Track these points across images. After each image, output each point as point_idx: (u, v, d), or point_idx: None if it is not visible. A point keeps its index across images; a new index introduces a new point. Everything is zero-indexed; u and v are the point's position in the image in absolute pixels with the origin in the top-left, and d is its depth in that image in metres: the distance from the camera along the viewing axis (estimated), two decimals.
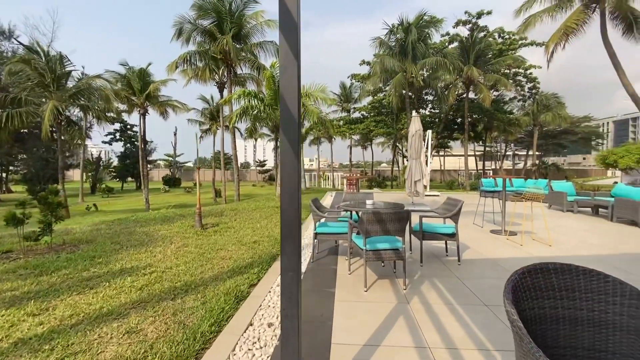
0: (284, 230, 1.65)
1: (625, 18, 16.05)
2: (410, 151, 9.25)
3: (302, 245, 5.41)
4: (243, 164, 68.00)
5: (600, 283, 1.45)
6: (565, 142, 41.55)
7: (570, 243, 5.57)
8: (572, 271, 1.51)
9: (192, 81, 20.57)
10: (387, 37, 19.97)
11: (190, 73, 20.05)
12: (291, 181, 1.62)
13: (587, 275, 1.49)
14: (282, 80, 1.59)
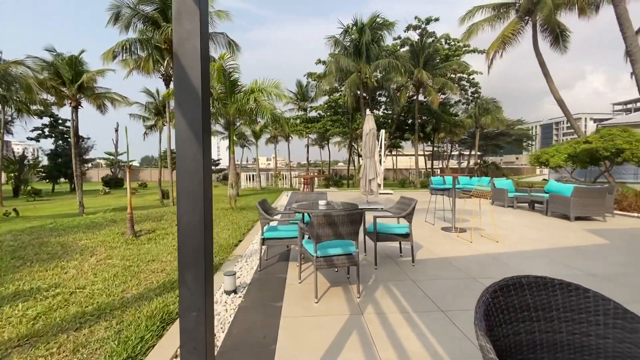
0: (183, 252, 1.15)
1: (553, 31, 17.66)
2: (364, 150, 9.13)
3: (249, 253, 4.91)
4: None
5: (580, 299, 1.22)
6: (501, 143, 45.15)
7: (514, 238, 5.74)
8: (548, 285, 1.26)
9: (134, 73, 18.79)
10: (342, 36, 19.96)
11: (131, 63, 18.25)
12: (193, 181, 1.16)
13: (564, 291, 1.25)
14: (176, 32, 1.14)
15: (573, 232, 6.30)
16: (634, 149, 8.88)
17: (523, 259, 4.50)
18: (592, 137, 9.95)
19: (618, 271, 3.96)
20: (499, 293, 1.22)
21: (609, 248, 5.07)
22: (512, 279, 1.27)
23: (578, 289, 1.24)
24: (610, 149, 9.22)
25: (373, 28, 19.61)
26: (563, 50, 17.98)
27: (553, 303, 1.24)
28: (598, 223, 7.21)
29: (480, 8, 18.65)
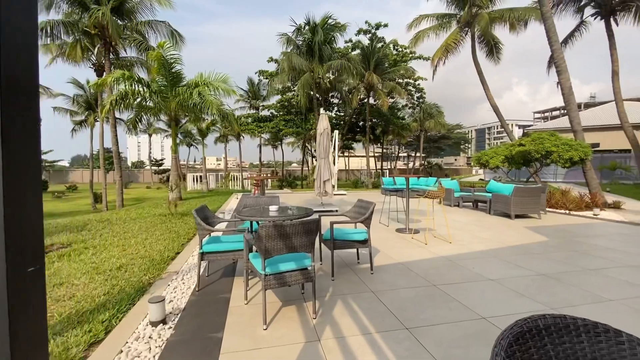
0: None
1: (489, 43, 19.03)
2: (318, 150, 8.76)
3: (187, 268, 4.21)
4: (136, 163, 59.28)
5: (612, 347, 0.90)
6: (443, 145, 48.23)
7: (465, 238, 5.77)
8: (570, 328, 0.92)
9: (59, 61, 16.40)
10: (294, 34, 19.49)
11: (54, 49, 15.91)
12: None
13: (590, 335, 0.92)
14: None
15: (515, 229, 6.56)
16: (561, 152, 9.73)
17: (477, 260, 4.44)
18: (525, 141, 10.73)
19: (562, 269, 4.05)
20: (514, 347, 0.86)
21: (548, 245, 5.28)
22: (528, 323, 0.92)
23: (608, 332, 0.92)
24: (540, 152, 10.01)
25: (325, 29, 19.46)
26: (496, 60, 19.49)
27: (579, 353, 0.91)
28: (535, 220, 7.66)
29: (426, 17, 19.48)
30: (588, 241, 5.54)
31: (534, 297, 3.20)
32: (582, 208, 9.23)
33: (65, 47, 15.57)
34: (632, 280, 3.67)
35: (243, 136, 37.32)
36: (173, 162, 10.77)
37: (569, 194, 9.94)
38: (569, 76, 10.45)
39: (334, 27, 19.64)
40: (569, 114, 10.72)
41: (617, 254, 4.71)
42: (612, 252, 4.81)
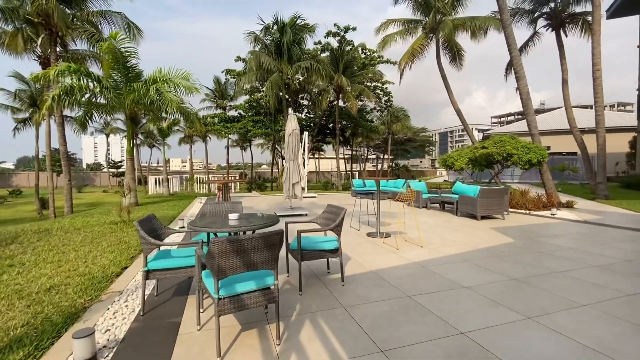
0: None
1: (452, 49, 19.66)
2: (287, 151, 8.38)
3: (134, 286, 3.66)
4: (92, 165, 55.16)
5: None
6: (409, 148, 49.62)
7: (436, 241, 5.67)
8: None
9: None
10: (262, 33, 18.94)
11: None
12: None
13: None
14: None
15: (482, 231, 6.60)
16: (520, 154, 10.11)
17: (450, 265, 4.30)
18: (488, 144, 11.08)
19: (532, 272, 4.00)
20: None
21: (515, 247, 5.30)
22: None
23: None
24: (502, 154, 10.35)
25: (294, 29, 19.11)
26: (459, 67, 20.20)
27: None
28: (499, 221, 7.82)
29: (393, 21, 19.77)
30: (551, 241, 5.65)
31: (510, 305, 3.06)
32: (540, 208, 9.61)
33: (5, 37, 13.95)
34: (598, 281, 3.67)
35: (210, 137, 35.98)
36: (128, 163, 9.86)
37: (528, 195, 10.34)
38: (527, 82, 10.92)
39: (302, 28, 19.34)
40: (527, 118, 11.20)
41: (579, 254, 4.80)
42: (575, 252, 4.90)
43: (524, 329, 2.61)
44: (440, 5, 17.54)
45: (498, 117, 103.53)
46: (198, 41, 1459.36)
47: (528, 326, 2.65)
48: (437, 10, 17.79)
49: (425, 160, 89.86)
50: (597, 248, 5.17)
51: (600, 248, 5.16)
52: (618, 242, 5.53)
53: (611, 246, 5.28)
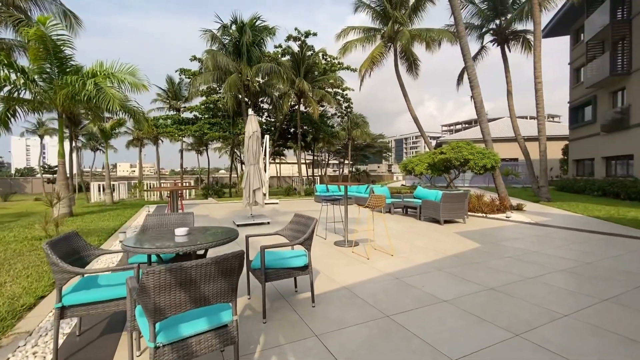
0: None
1: (409, 58, 20.32)
2: (247, 155, 7.75)
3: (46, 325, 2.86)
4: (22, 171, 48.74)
5: None
6: (368, 153, 50.79)
7: (405, 248, 5.45)
8: None
9: None
10: (219, 32, 17.98)
11: None
12: None
13: None
14: None
15: (448, 236, 6.55)
16: (476, 159, 10.49)
17: (424, 275, 4.04)
18: (446, 149, 11.38)
19: (505, 279, 3.87)
20: None
21: (483, 253, 5.24)
22: None
23: None
24: (460, 159, 10.66)
25: (254, 29, 18.44)
26: (415, 75, 20.93)
27: None
28: (461, 225, 7.89)
29: (353, 29, 19.96)
30: (513, 245, 5.70)
31: (495, 320, 2.82)
32: (495, 211, 9.98)
33: None
34: (569, 287, 3.62)
35: (162, 140, 33.58)
36: (60, 168, 8.51)
37: (483, 199, 10.73)
38: (480, 91, 11.42)
39: (263, 29, 18.73)
40: (480, 125, 11.69)
41: (542, 258, 4.83)
42: (538, 256, 4.93)
43: (517, 350, 2.35)
44: (398, 15, 18.02)
45: (448, 126, 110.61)
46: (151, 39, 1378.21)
47: (521, 346, 2.40)
48: (395, 20, 18.24)
49: (383, 166, 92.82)
50: (556, 250, 5.28)
51: (559, 250, 5.28)
52: (571, 244, 5.73)
53: (568, 248, 5.43)
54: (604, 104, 17.26)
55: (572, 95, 21.49)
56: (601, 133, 17.27)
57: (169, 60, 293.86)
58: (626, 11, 14.95)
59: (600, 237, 6.33)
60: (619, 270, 4.22)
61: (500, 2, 17.48)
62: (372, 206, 4.97)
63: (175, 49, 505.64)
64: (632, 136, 14.83)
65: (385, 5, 18.53)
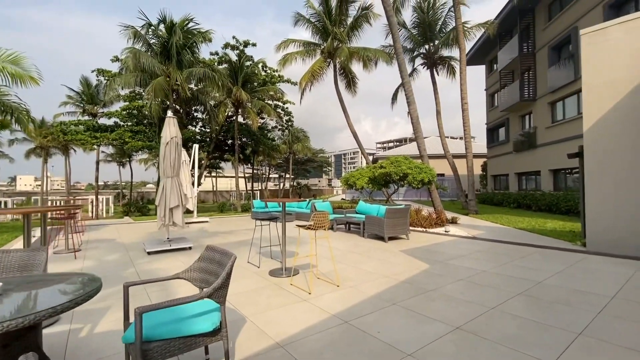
0: None
1: (347, 75, 20.53)
2: (163, 165, 6.31)
3: None
4: None
5: None
6: (309, 168, 50.68)
7: (351, 275, 4.65)
8: None
9: None
10: (144, 30, 15.90)
11: None
12: None
13: None
14: None
15: (395, 255, 5.96)
16: (414, 174, 10.45)
17: (377, 314, 3.24)
18: (386, 163, 11.22)
19: (468, 313, 3.27)
20: None
21: (434, 276, 4.69)
22: None
23: None
24: (399, 173, 10.52)
25: (186, 32, 16.76)
26: (354, 93, 21.21)
27: None
28: (405, 242, 7.45)
29: (293, 41, 19.52)
30: (462, 264, 5.30)
31: None
32: (433, 225, 9.93)
33: None
34: (535, 317, 3.14)
35: (74, 149, 28.75)
36: None
37: (421, 213, 10.68)
38: (416, 107, 11.60)
39: (196, 33, 17.11)
40: (417, 140, 11.84)
41: (494, 279, 4.44)
42: (490, 277, 4.54)
43: None
44: (337, 32, 18.10)
45: (382, 143, 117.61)
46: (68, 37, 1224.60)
47: None
48: (334, 37, 18.28)
49: (323, 180, 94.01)
50: (504, 269, 4.99)
51: (507, 269, 5.00)
52: (515, 260, 5.56)
53: (513, 265, 5.21)
54: (515, 125, 19.38)
55: (489, 118, 23.92)
56: (513, 152, 19.29)
57: (93, 63, 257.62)
58: (531, 46, 17.12)
59: (535, 250, 6.35)
60: (573, 290, 3.96)
61: (429, 28, 18.72)
62: (315, 227, 4.08)
63: (99, 51, 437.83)
64: (538, 154, 16.71)
65: (325, 22, 18.52)
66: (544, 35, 16.42)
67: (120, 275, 4.71)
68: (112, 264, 5.44)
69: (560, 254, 5.96)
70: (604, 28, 6.06)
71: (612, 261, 5.38)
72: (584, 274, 4.67)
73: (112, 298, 3.69)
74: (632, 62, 5.74)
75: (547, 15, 16.49)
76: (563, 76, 14.62)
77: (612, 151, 5.91)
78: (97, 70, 21.52)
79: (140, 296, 3.67)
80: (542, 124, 16.42)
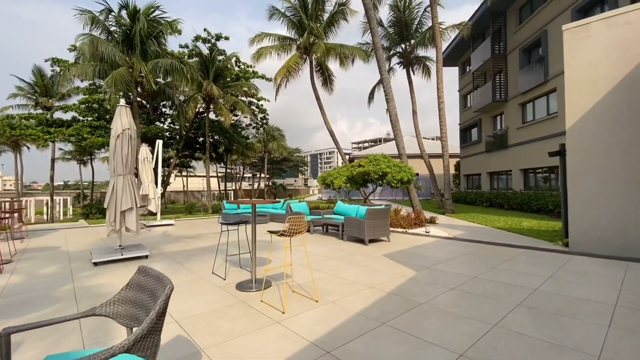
0: None
1: (324, 72, 19.99)
2: (114, 162, 5.41)
3: None
4: None
5: None
6: (285, 167, 49.75)
7: (333, 287, 4.07)
8: None
9: None
10: (103, 16, 14.47)
11: None
12: None
13: None
14: None
15: (377, 260, 5.46)
16: (393, 172, 10.09)
17: (365, 338, 2.68)
18: (364, 162, 10.78)
19: (471, 333, 2.79)
20: None
21: (423, 285, 4.22)
22: None
23: None
24: (378, 172, 10.12)
25: (151, 20, 15.47)
26: (330, 90, 20.71)
27: None
28: (386, 244, 7.00)
29: (268, 35, 18.70)
30: (448, 269, 4.89)
31: None
32: (412, 225, 9.60)
33: None
34: (545, 337, 2.71)
35: (27, 146, 26.11)
36: None
37: (400, 213, 10.33)
38: (395, 104, 11.26)
39: (163, 22, 15.82)
40: (395, 138, 11.50)
41: (487, 286, 4.04)
42: (482, 284, 4.13)
43: None
44: (314, 26, 17.50)
45: (357, 143, 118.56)
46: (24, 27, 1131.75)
47: None
48: (310, 32, 17.68)
49: (299, 180, 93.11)
50: (494, 274, 4.62)
51: (497, 274, 4.63)
52: (502, 263, 5.24)
53: (502, 269, 4.86)
54: (487, 126, 19.73)
55: (462, 118, 24.30)
56: (485, 152, 19.63)
57: (52, 53, 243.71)
58: (503, 48, 17.43)
59: (520, 251, 6.10)
60: (572, 298, 3.61)
61: (405, 27, 18.59)
62: (290, 234, 3.46)
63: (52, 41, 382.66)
64: (510, 154, 17.04)
65: (301, 16, 17.87)
66: (515, 38, 16.77)
67: (51, 295, 3.82)
68: (45, 279, 4.50)
69: (545, 255, 5.73)
70: (587, 23, 5.90)
71: (598, 262, 5.19)
72: (576, 277, 4.39)
73: None
74: (614, 57, 5.60)
75: (518, 18, 16.84)
76: (533, 78, 14.93)
77: (595, 148, 5.75)
78: (51, 59, 19.58)
79: (63, 335, 2.87)
80: (513, 125, 16.76)
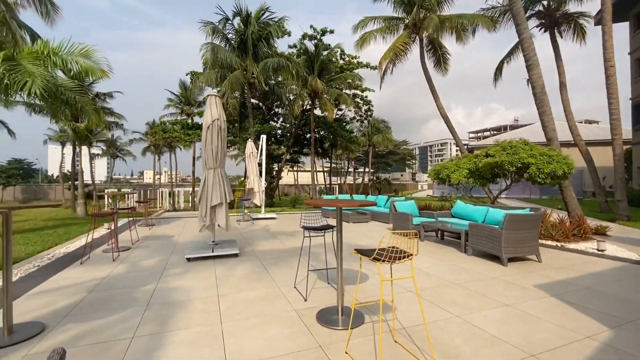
0: None
1: (436, 51, 17.28)
2: (205, 155, 5.16)
3: None
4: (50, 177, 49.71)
5: None
6: (390, 161, 47.33)
7: (456, 338, 2.54)
8: None
9: None
10: (222, 25, 15.86)
11: None
12: None
13: None
14: None
15: (528, 295, 3.53)
16: (539, 164, 7.32)
17: None
18: (494, 150, 8.27)
19: None
20: None
21: (625, 356, 2.23)
22: None
23: None
24: (515, 164, 7.52)
25: (262, 23, 16.18)
26: (444, 71, 17.78)
27: None
28: (536, 267, 4.79)
29: (372, 19, 17.24)
30: None
31: None
32: (571, 238, 6.73)
33: None
34: None
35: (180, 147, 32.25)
36: None
37: (549, 219, 7.49)
38: (541, 72, 8.26)
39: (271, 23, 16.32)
40: (541, 117, 8.49)
41: None
42: None
43: None
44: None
45: (475, 133, 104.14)
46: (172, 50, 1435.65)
47: None
48: (420, 5, 15.34)
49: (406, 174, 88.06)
50: None
51: None
52: None
53: None
54: None
55: (634, 92, 17.45)
56: None
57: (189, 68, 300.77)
58: None
59: None
60: None
61: None
62: (391, 259, 2.14)
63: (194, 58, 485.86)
64: None
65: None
66: None
67: (130, 296, 3.57)
68: (139, 273, 4.47)
69: None
70: None
71: None
72: None
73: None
74: None
75: None
76: None
77: None
78: (190, 72, 23.15)
79: None
80: None
